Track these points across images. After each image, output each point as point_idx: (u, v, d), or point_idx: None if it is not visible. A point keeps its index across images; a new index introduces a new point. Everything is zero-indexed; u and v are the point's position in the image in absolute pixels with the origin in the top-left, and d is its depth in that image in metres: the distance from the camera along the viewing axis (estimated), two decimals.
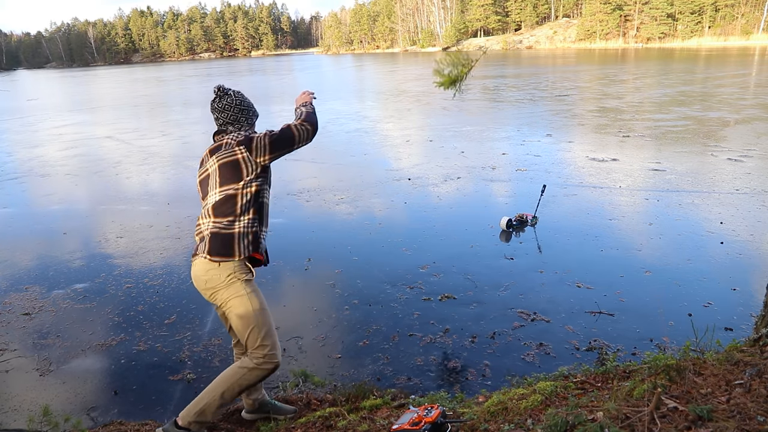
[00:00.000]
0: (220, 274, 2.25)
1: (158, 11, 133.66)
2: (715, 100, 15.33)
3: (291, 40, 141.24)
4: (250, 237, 2.29)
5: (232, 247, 2.25)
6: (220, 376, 2.34)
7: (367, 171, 8.78)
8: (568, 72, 29.70)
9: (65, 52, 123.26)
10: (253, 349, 2.28)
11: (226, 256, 2.25)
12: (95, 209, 7.43)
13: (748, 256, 4.77)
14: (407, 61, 54.06)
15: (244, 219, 2.29)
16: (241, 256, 2.26)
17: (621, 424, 1.64)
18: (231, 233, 2.27)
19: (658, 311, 3.82)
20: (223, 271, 2.25)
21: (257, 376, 2.29)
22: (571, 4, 76.68)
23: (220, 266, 2.25)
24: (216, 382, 2.33)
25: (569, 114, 14.01)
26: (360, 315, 4.04)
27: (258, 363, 2.27)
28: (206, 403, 2.31)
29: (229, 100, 2.41)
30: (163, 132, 14.35)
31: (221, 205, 2.28)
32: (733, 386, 1.77)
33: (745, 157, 8.45)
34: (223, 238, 2.26)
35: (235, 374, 2.29)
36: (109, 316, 4.19)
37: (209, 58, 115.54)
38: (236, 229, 2.27)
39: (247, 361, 2.30)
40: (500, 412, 2.09)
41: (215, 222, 2.28)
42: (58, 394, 3.23)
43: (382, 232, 5.85)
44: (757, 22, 57.89)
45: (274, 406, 2.69)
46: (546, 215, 6.06)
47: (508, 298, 4.21)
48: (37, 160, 11.06)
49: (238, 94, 2.45)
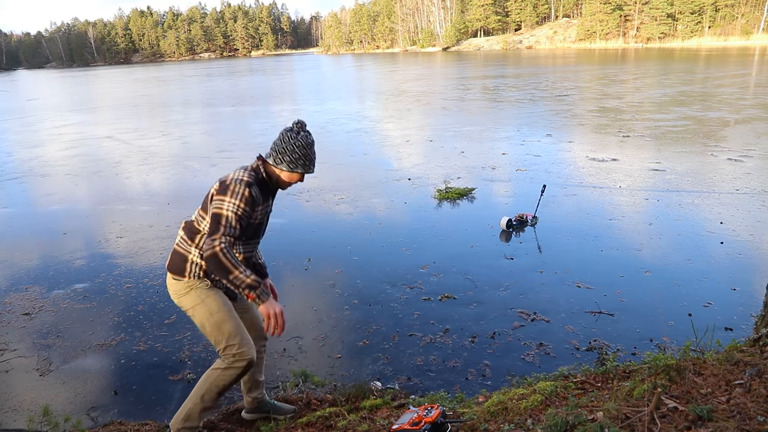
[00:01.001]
0: (179, 286, 2.35)
1: (158, 11, 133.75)
2: (715, 100, 15.33)
3: (291, 40, 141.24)
4: (203, 265, 2.31)
5: (183, 270, 2.33)
6: (200, 380, 2.37)
7: (367, 171, 8.78)
8: (568, 72, 29.70)
9: (65, 52, 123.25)
10: (222, 351, 2.30)
11: (179, 275, 2.33)
12: (95, 209, 7.43)
13: (748, 256, 4.77)
14: (407, 61, 54.07)
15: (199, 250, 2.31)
16: (190, 278, 2.32)
17: (621, 424, 1.64)
18: (185, 256, 2.33)
19: (658, 311, 3.82)
20: (180, 283, 2.34)
21: (232, 375, 2.29)
22: (571, 4, 76.67)
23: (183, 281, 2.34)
24: (196, 386, 2.37)
25: (569, 114, 14.01)
26: (360, 315, 4.04)
27: (230, 363, 2.28)
28: (189, 408, 2.35)
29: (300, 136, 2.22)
30: (163, 132, 14.35)
31: (190, 226, 2.36)
32: (733, 386, 1.77)
33: (745, 157, 8.45)
34: (180, 257, 2.34)
35: (210, 376, 2.33)
36: (109, 316, 4.19)
37: (209, 58, 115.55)
38: (191, 255, 2.32)
39: (220, 362, 2.33)
40: (500, 412, 2.09)
41: (181, 238, 2.37)
42: (58, 394, 3.23)
43: (382, 232, 5.85)
44: (757, 22, 57.88)
45: (274, 405, 2.69)
46: (546, 215, 6.06)
47: (508, 298, 4.21)
48: (37, 160, 11.06)
49: (310, 138, 2.25)
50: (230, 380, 2.31)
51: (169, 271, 2.37)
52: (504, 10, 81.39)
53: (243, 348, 2.27)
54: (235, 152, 10.95)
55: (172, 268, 2.36)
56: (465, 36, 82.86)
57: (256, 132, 13.60)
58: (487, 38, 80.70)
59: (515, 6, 79.78)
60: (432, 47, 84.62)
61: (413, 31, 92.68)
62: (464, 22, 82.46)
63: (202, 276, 2.32)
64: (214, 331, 2.30)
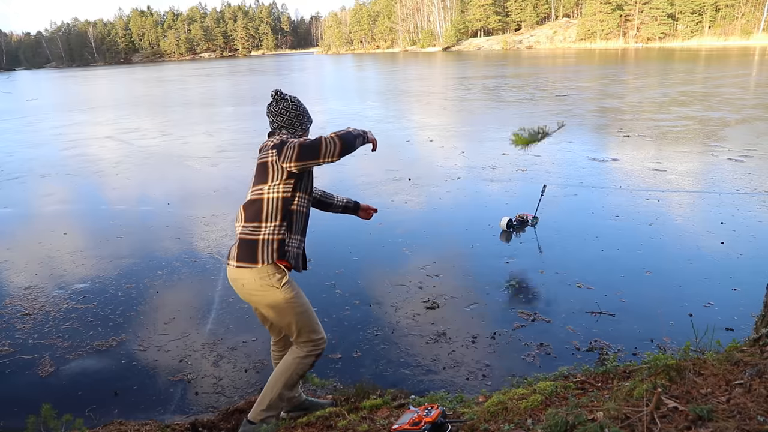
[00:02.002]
0: (254, 280, 2.32)
1: (158, 11, 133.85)
2: (716, 100, 15.32)
3: (291, 40, 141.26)
4: (275, 245, 2.31)
5: (255, 255, 2.31)
6: (277, 370, 2.46)
7: (367, 171, 8.78)
8: (568, 72, 29.70)
9: (65, 52, 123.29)
10: (301, 342, 2.42)
11: (250, 262, 2.31)
12: (95, 209, 7.43)
13: (749, 256, 4.76)
14: (407, 61, 54.06)
15: (269, 225, 2.32)
16: (264, 263, 2.30)
17: (621, 424, 1.64)
18: (255, 239, 2.32)
19: (658, 311, 3.82)
20: (255, 278, 2.31)
21: (311, 362, 2.44)
22: (572, 4, 76.61)
23: (251, 272, 2.31)
24: (275, 376, 2.45)
25: (569, 114, 14.00)
26: (360, 315, 4.04)
27: (309, 351, 2.42)
28: (271, 397, 2.43)
29: (285, 104, 2.46)
30: (163, 132, 14.35)
31: (249, 206, 2.37)
32: (733, 386, 1.77)
33: (745, 157, 8.45)
34: (248, 244, 2.33)
35: (291, 365, 2.43)
36: (109, 316, 4.19)
37: (209, 58, 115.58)
38: (260, 235, 2.32)
39: (298, 350, 2.43)
40: (500, 412, 2.09)
41: (244, 226, 2.37)
42: (58, 394, 3.23)
43: (382, 232, 5.85)
44: (757, 22, 57.85)
45: (312, 402, 2.75)
46: (546, 215, 6.06)
47: (508, 298, 4.21)
48: (37, 160, 11.06)
49: (294, 100, 2.50)
50: (309, 367, 2.46)
51: (239, 262, 2.33)
52: (504, 10, 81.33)
53: (321, 336, 2.44)
54: (235, 152, 10.96)
55: (242, 258, 2.32)
56: (465, 36, 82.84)
57: (256, 132, 13.60)
58: (487, 38, 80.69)
59: (515, 6, 79.73)
60: (432, 47, 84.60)
61: (413, 31, 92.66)
62: (464, 22, 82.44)
63: (275, 259, 2.31)
64: (296, 326, 2.39)
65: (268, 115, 2.50)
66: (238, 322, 4.02)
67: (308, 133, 2.57)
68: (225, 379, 3.33)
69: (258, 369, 3.42)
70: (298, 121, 2.48)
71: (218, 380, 3.32)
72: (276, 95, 2.48)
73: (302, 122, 2.50)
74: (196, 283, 4.78)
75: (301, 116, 2.50)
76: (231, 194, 7.64)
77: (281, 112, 2.46)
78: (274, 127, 2.48)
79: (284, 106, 2.46)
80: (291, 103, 2.47)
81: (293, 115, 2.47)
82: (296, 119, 2.48)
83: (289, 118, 2.46)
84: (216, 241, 5.80)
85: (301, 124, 2.50)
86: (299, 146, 2.24)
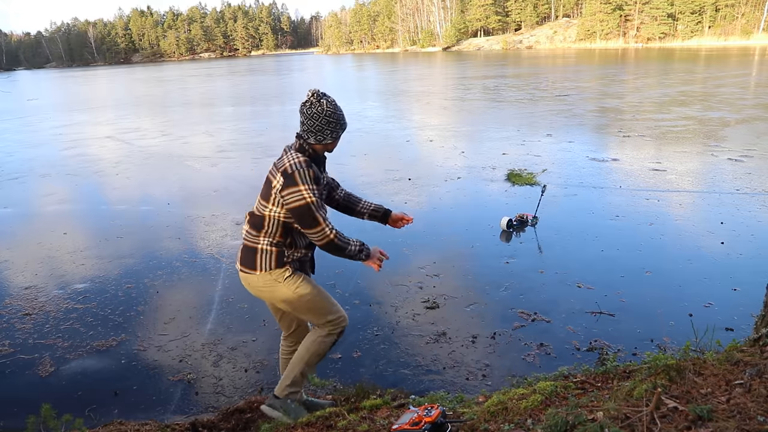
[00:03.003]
0: (257, 281, 2.39)
1: (158, 11, 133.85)
2: (716, 100, 15.32)
3: (291, 40, 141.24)
4: (274, 255, 2.36)
5: (254, 262, 2.37)
6: (301, 349, 2.51)
7: (367, 171, 8.78)
8: (568, 72, 29.70)
9: (65, 52, 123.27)
10: (320, 325, 2.46)
11: (250, 268, 2.39)
12: (95, 209, 7.43)
13: (749, 256, 4.76)
14: (407, 61, 54.06)
15: (268, 238, 2.36)
16: (262, 271, 2.36)
17: (621, 424, 1.64)
18: (255, 247, 2.37)
19: (658, 311, 3.82)
20: (258, 279, 2.39)
21: (332, 341, 2.49)
22: (572, 3, 76.61)
23: (253, 276, 2.39)
24: (298, 355, 2.51)
25: (569, 114, 14.00)
26: (360, 315, 4.04)
27: (330, 330, 2.46)
28: (294, 374, 2.51)
29: (320, 109, 2.29)
30: (163, 132, 14.35)
31: (253, 216, 2.39)
32: (733, 386, 1.77)
33: (745, 157, 8.45)
34: (249, 250, 2.39)
35: (314, 343, 2.48)
36: (109, 316, 4.19)
37: (209, 58, 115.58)
38: (260, 245, 2.37)
39: (320, 330, 2.47)
40: (500, 412, 2.09)
41: (248, 232, 2.41)
42: (58, 394, 3.23)
43: (382, 233, 5.83)
44: (757, 22, 57.85)
45: (312, 402, 2.77)
46: (546, 215, 6.05)
47: (508, 298, 4.21)
48: (37, 160, 11.06)
49: (330, 105, 2.32)
50: (330, 345, 2.50)
51: (242, 266, 2.42)
52: (504, 10, 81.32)
53: (339, 315, 2.47)
54: (235, 152, 10.96)
55: (244, 262, 2.41)
56: (465, 36, 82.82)
57: (256, 132, 13.60)
58: (487, 38, 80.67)
59: (515, 6, 79.72)
60: (432, 47, 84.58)
61: (413, 31, 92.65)
62: (464, 22, 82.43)
63: (273, 267, 2.36)
64: (311, 313, 2.45)
65: (300, 114, 2.34)
66: (238, 322, 4.02)
67: (338, 142, 2.42)
68: (225, 379, 3.33)
69: (258, 369, 3.42)
70: (329, 128, 2.32)
71: (218, 380, 3.32)
72: (313, 96, 2.31)
73: (333, 130, 2.34)
74: (196, 283, 4.78)
75: (334, 124, 2.33)
76: (231, 194, 7.64)
77: (313, 116, 2.29)
78: (303, 130, 2.33)
79: (318, 110, 2.29)
80: (326, 109, 2.30)
81: (325, 122, 2.30)
82: (327, 126, 2.31)
83: (320, 124, 2.30)
84: (216, 241, 5.80)
85: (332, 132, 2.34)
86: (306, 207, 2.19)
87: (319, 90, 2.33)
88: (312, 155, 2.34)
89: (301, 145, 2.34)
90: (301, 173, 2.21)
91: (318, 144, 2.34)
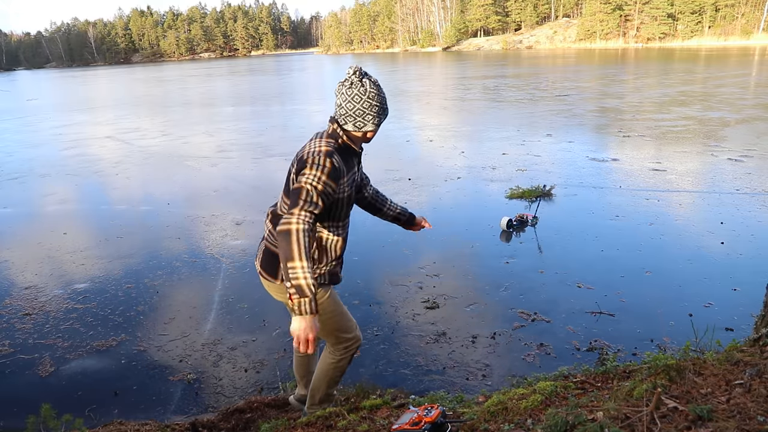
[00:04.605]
0: (275, 289, 2.20)
1: (158, 11, 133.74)
2: (716, 100, 15.32)
3: (291, 40, 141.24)
4: None
5: (275, 270, 2.14)
6: (318, 374, 2.44)
7: (367, 171, 8.74)
8: (568, 72, 29.70)
9: (65, 52, 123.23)
10: (332, 343, 2.37)
11: (271, 276, 2.17)
12: (95, 209, 7.43)
13: (749, 256, 4.76)
14: (407, 61, 54.06)
15: None
16: (282, 281, 2.12)
17: (621, 424, 1.64)
18: (276, 252, 2.09)
19: (658, 311, 3.82)
20: (276, 287, 2.19)
21: (348, 360, 2.40)
22: (572, 4, 76.60)
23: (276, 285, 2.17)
24: (317, 377, 2.45)
25: (569, 114, 14.00)
26: (360, 315, 4.04)
27: (342, 354, 2.37)
28: (320, 396, 2.46)
29: (361, 90, 1.95)
30: (163, 132, 14.35)
31: (278, 216, 2.12)
32: (733, 386, 1.77)
33: (745, 157, 8.45)
34: (271, 255, 2.15)
35: (329, 369, 2.40)
36: (109, 316, 4.19)
37: (209, 58, 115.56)
38: None
39: (332, 355, 2.38)
40: (500, 412, 2.09)
41: (270, 232, 2.16)
42: (58, 394, 3.23)
43: (382, 232, 5.84)
44: (757, 22, 57.85)
45: None
46: (546, 215, 6.05)
47: (508, 298, 4.21)
48: (37, 160, 11.06)
49: (373, 87, 1.99)
50: (345, 367, 2.41)
51: (262, 269, 2.19)
52: (504, 10, 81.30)
53: (353, 336, 2.37)
54: (235, 152, 10.95)
55: (265, 267, 2.17)
56: (465, 36, 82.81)
57: (256, 132, 13.60)
58: (487, 38, 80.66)
59: (515, 6, 79.70)
60: (432, 47, 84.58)
61: (413, 31, 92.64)
62: (464, 22, 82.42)
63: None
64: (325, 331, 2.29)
65: (336, 95, 2.01)
66: (238, 322, 4.02)
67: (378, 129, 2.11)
68: (225, 379, 3.33)
69: (258, 369, 3.42)
70: (372, 113, 1.99)
71: (218, 380, 3.32)
72: (354, 74, 1.96)
73: (375, 115, 2.01)
74: (196, 283, 4.78)
75: (377, 108, 2.00)
76: (231, 194, 7.64)
77: (354, 98, 1.96)
78: (340, 114, 2.00)
79: (360, 91, 1.95)
80: (369, 90, 1.97)
81: (368, 105, 1.97)
82: (370, 111, 1.98)
83: (362, 108, 1.97)
84: (216, 241, 5.79)
85: (374, 118, 2.01)
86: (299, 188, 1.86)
87: (361, 68, 2.00)
88: (344, 144, 2.04)
89: (335, 130, 2.03)
90: (315, 160, 1.89)
91: (356, 131, 2.03)
